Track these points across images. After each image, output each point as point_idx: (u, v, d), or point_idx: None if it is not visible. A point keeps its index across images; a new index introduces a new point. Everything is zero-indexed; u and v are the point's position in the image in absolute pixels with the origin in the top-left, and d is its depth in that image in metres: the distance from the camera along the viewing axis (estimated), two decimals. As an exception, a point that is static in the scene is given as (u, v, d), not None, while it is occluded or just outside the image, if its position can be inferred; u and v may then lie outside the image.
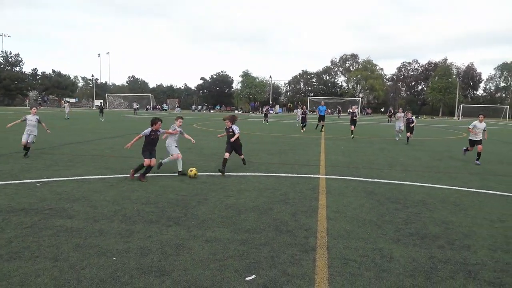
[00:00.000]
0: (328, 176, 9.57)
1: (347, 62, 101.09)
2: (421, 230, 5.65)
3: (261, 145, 16.44)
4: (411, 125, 19.02)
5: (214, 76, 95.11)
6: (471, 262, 4.52)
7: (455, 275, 4.18)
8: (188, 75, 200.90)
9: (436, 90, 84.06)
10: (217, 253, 4.59)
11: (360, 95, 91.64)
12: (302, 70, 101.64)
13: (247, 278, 3.97)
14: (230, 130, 10.03)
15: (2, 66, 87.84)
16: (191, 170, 9.04)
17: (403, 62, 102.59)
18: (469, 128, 12.68)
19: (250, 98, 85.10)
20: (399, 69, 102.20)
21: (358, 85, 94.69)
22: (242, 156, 10.33)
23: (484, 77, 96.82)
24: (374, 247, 4.92)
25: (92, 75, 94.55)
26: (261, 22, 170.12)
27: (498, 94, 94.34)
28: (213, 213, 6.21)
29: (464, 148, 13.49)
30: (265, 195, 7.52)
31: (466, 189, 8.58)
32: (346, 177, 9.50)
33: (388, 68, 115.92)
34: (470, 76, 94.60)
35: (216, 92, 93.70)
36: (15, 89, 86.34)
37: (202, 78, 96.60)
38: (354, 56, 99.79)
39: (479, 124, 12.57)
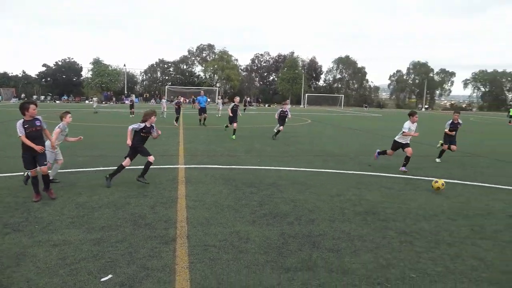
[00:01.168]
0: (187, 166, 9.60)
1: (204, 52, 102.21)
2: (273, 210, 6.12)
3: (115, 137, 15.52)
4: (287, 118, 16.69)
5: (60, 63, 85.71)
6: (314, 234, 5.10)
7: (302, 247, 4.66)
8: (27, 62, 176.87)
9: (285, 80, 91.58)
10: (67, 257, 4.20)
11: (217, 85, 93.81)
12: (159, 59, 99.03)
13: (102, 279, 3.74)
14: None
15: None
16: (436, 182, 7.54)
17: (256, 54, 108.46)
18: (404, 131, 9.89)
19: (102, 87, 79.33)
20: (252, 60, 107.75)
21: (215, 75, 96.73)
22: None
23: (324, 69, 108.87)
24: (232, 231, 5.14)
25: None
26: (115, 6, 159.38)
27: (336, 85, 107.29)
28: (62, 214, 5.64)
29: (379, 151, 10.74)
30: (121, 189, 7.15)
31: (310, 169, 9.60)
32: (206, 166, 9.68)
33: (243, 59, 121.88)
34: (313, 68, 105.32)
35: (62, 80, 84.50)
36: None
37: (44, 65, 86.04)
38: (210, 46, 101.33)
39: (413, 126, 10.05)
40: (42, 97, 75.14)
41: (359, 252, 4.55)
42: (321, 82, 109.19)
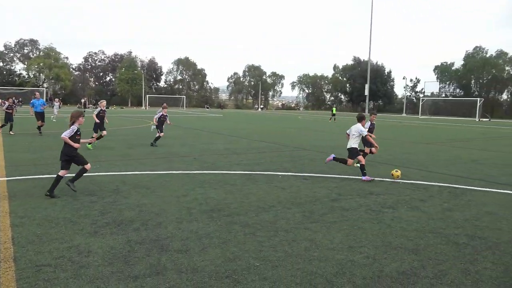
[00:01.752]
0: (10, 178, 8.31)
1: (26, 48, 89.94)
2: (117, 217, 5.79)
3: None
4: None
5: None
6: (162, 237, 5.01)
7: (150, 252, 4.53)
8: None
9: (124, 81, 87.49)
10: None
11: (45, 85, 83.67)
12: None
13: None
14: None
15: None
16: (396, 171, 9.20)
17: (90, 52, 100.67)
18: (367, 134, 9.52)
19: None
20: (85, 59, 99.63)
21: (41, 74, 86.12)
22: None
23: (164, 70, 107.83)
24: (70, 246, 4.66)
25: None
26: None
27: (177, 86, 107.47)
28: None
29: (334, 156, 9.72)
30: None
31: (155, 172, 9.40)
32: (34, 176, 8.54)
33: (74, 57, 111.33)
34: (153, 69, 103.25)
35: None
36: None
37: None
38: (33, 42, 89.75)
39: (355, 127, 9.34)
40: None
41: (207, 249, 4.66)
42: (162, 83, 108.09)
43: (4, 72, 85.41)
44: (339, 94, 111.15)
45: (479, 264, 4.42)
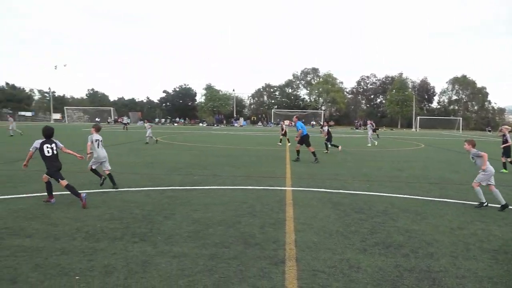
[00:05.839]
0: (294, 188, 9.65)
1: (308, 76, 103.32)
2: (386, 239, 5.79)
3: (226, 158, 16.37)
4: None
5: (177, 89, 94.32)
6: (434, 270, 4.67)
7: (420, 282, 4.30)
8: (150, 88, 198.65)
9: (394, 103, 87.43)
10: (185, 269, 4.49)
11: (323, 107, 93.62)
12: (265, 83, 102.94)
13: (217, 294, 3.90)
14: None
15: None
16: None
17: (362, 76, 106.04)
18: None
19: (214, 111, 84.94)
20: (358, 82, 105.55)
21: (320, 98, 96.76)
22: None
23: (438, 90, 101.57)
24: (342, 258, 4.98)
25: (49, 88, 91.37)
26: (219, 35, 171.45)
27: (452, 107, 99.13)
28: (180, 228, 6.08)
29: None
30: (231, 208, 7.46)
31: (427, 198, 8.90)
32: (312, 189, 9.62)
33: (348, 82, 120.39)
34: (425, 90, 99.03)
35: (179, 105, 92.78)
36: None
37: (165, 91, 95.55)
38: (315, 70, 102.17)
39: None
40: (163, 120, 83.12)
41: (489, 294, 4.03)
42: (434, 104, 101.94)
43: (292, 97, 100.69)
44: None
45: None
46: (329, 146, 19.77)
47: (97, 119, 56.73)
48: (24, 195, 8.18)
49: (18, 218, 6.44)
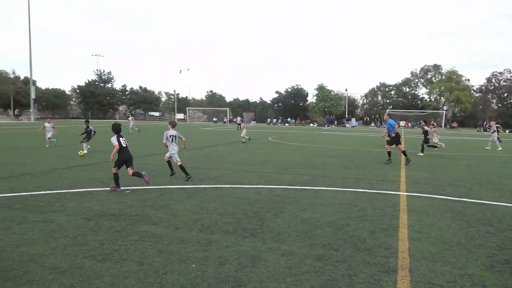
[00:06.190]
0: (409, 193, 9.06)
1: (429, 73, 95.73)
2: (519, 257, 5.08)
3: (336, 159, 16.09)
4: None
5: (289, 90, 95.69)
6: None
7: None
8: (263, 89, 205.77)
9: (534, 102, 76.04)
10: (293, 267, 4.55)
11: (444, 107, 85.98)
12: (380, 82, 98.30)
13: (324, 296, 3.86)
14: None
15: (96, 83, 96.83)
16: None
17: (493, 72, 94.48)
18: None
19: (325, 111, 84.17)
20: (488, 79, 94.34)
21: (442, 97, 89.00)
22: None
23: None
24: (463, 273, 4.52)
25: (174, 90, 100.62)
26: (334, 34, 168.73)
27: None
28: (289, 227, 6.18)
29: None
30: (341, 210, 7.31)
31: None
32: (429, 195, 8.91)
33: (476, 79, 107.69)
34: None
35: (291, 105, 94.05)
36: (107, 104, 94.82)
37: (277, 92, 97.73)
38: (436, 67, 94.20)
39: None
40: (274, 120, 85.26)
41: None
42: None
43: (409, 97, 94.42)
44: None
45: None
46: (426, 146, 19.25)
47: (214, 119, 60.96)
48: (152, 187, 9.14)
49: (145, 208, 7.24)
